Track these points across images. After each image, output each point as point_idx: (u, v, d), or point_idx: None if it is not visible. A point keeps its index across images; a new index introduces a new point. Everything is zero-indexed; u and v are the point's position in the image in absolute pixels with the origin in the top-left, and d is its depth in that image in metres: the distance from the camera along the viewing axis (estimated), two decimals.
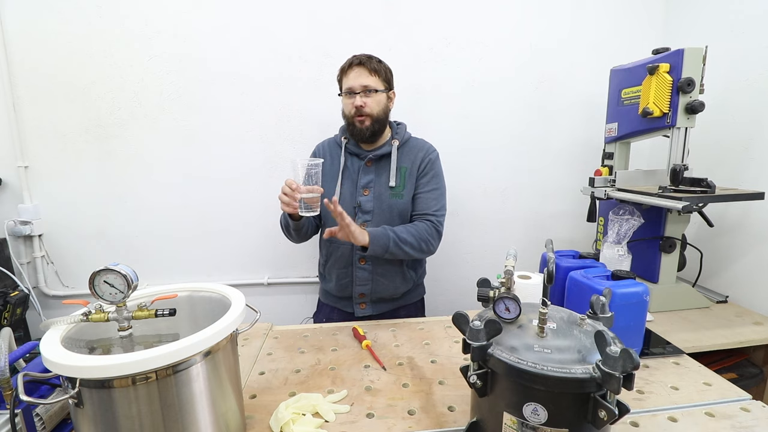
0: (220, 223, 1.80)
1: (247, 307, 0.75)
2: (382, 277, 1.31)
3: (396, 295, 1.35)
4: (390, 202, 1.28)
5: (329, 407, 0.83)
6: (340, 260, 1.32)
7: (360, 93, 1.24)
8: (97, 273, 0.65)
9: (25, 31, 1.59)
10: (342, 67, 1.29)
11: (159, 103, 1.68)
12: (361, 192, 1.30)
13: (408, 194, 1.30)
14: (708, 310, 1.34)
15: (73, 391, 0.57)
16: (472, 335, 0.63)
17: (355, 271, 1.30)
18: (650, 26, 1.81)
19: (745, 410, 0.81)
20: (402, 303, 1.40)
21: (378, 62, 1.27)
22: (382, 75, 1.28)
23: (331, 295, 1.40)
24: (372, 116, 1.25)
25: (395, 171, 1.29)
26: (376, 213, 1.28)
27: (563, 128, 1.86)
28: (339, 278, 1.33)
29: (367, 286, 1.31)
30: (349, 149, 1.33)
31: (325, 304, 1.45)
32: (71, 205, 1.73)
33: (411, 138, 1.37)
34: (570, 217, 1.93)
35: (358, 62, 1.25)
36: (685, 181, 1.28)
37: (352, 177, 1.32)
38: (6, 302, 1.49)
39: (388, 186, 1.29)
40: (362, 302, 1.34)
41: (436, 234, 1.29)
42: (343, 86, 1.28)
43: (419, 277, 1.43)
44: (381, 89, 1.27)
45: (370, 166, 1.31)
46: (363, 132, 1.26)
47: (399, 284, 1.34)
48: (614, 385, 0.53)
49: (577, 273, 1.05)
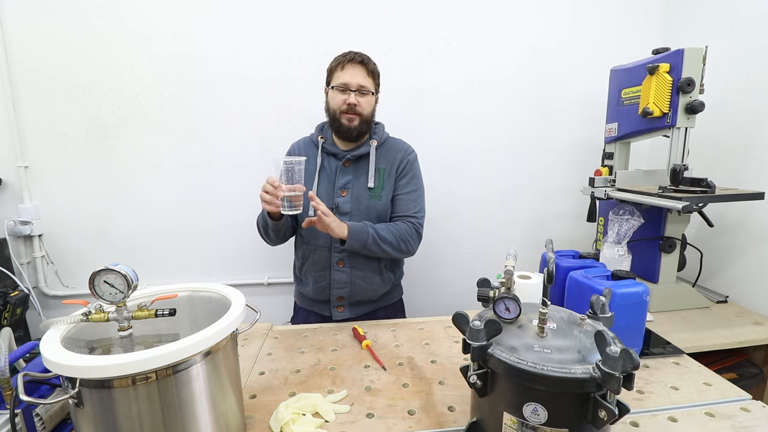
0: (220, 223, 1.80)
1: (247, 307, 0.75)
2: (360, 280, 1.28)
3: (374, 297, 1.34)
4: (368, 203, 1.27)
5: (329, 407, 0.83)
6: (318, 263, 1.29)
7: (355, 91, 1.22)
8: (97, 273, 0.65)
9: (25, 31, 1.59)
10: (337, 60, 1.24)
11: (159, 103, 1.68)
12: (338, 193, 1.27)
13: (387, 195, 1.28)
14: (708, 310, 1.34)
15: (73, 391, 0.57)
16: (472, 335, 0.63)
17: (333, 273, 1.27)
18: (650, 26, 1.81)
19: (745, 410, 0.81)
20: (380, 305, 1.38)
21: (374, 65, 1.27)
22: (376, 78, 1.28)
23: (308, 299, 1.36)
24: (362, 116, 1.24)
25: (374, 172, 1.27)
26: (354, 214, 1.26)
27: (563, 128, 1.86)
28: (316, 281, 1.30)
29: (345, 289, 1.28)
30: (326, 149, 1.30)
31: (301, 307, 1.42)
32: (71, 205, 1.73)
33: (389, 138, 1.36)
34: (570, 217, 1.93)
35: (360, 60, 1.23)
36: (685, 181, 1.28)
37: (329, 177, 1.29)
38: (6, 302, 1.49)
39: (366, 187, 1.27)
40: (340, 305, 1.31)
41: (416, 235, 1.28)
42: (336, 80, 1.23)
43: (397, 278, 1.41)
44: (373, 92, 1.27)
45: (347, 167, 1.29)
46: (350, 131, 1.24)
47: (377, 286, 1.32)
48: (614, 385, 0.53)
49: (577, 273, 1.05)
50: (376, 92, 1.30)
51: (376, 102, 1.31)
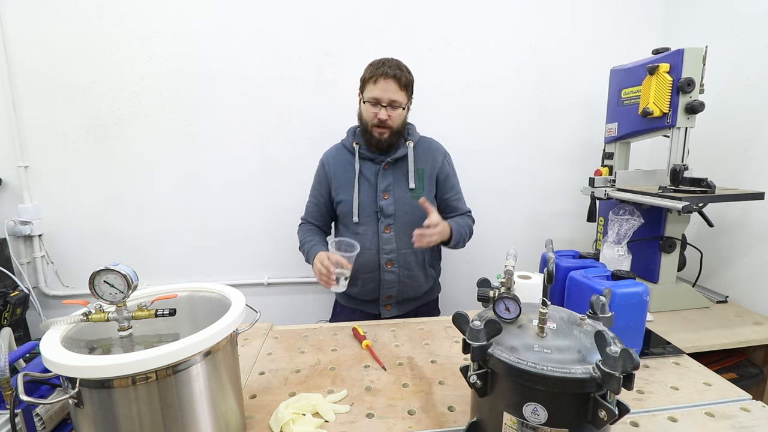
0: (220, 222, 1.80)
1: (247, 307, 0.75)
2: (408, 278, 1.33)
3: (420, 293, 1.38)
4: (411, 203, 1.29)
5: (329, 407, 0.83)
6: (366, 265, 1.31)
7: (386, 106, 1.22)
8: (97, 273, 0.65)
9: (25, 31, 1.59)
10: (371, 72, 1.23)
11: (159, 103, 1.68)
12: (381, 196, 1.29)
13: (427, 195, 1.31)
14: (708, 310, 1.34)
15: (73, 391, 0.57)
16: (472, 335, 0.63)
17: (382, 274, 1.31)
18: (650, 26, 1.81)
19: (745, 410, 0.81)
20: (423, 301, 1.42)
21: (408, 74, 1.26)
22: (410, 89, 1.27)
23: (354, 299, 1.39)
24: (392, 129, 1.25)
25: (413, 173, 1.29)
26: (398, 216, 1.29)
27: (563, 128, 1.86)
28: (365, 283, 1.33)
29: (394, 288, 1.32)
30: (362, 154, 1.32)
31: (345, 306, 1.43)
32: (71, 205, 1.74)
33: (421, 137, 1.38)
34: (570, 217, 1.93)
35: (393, 75, 1.20)
36: (685, 181, 1.28)
37: (370, 181, 1.31)
38: (6, 302, 1.49)
39: (407, 188, 1.29)
40: (388, 304, 1.35)
41: (473, 225, 1.41)
42: (368, 93, 1.24)
43: (437, 273, 1.46)
44: (405, 104, 1.26)
45: (387, 170, 1.30)
46: (381, 143, 1.27)
47: (423, 283, 1.37)
48: (614, 385, 0.53)
49: (577, 273, 1.05)
50: (409, 100, 1.29)
51: (408, 110, 1.31)
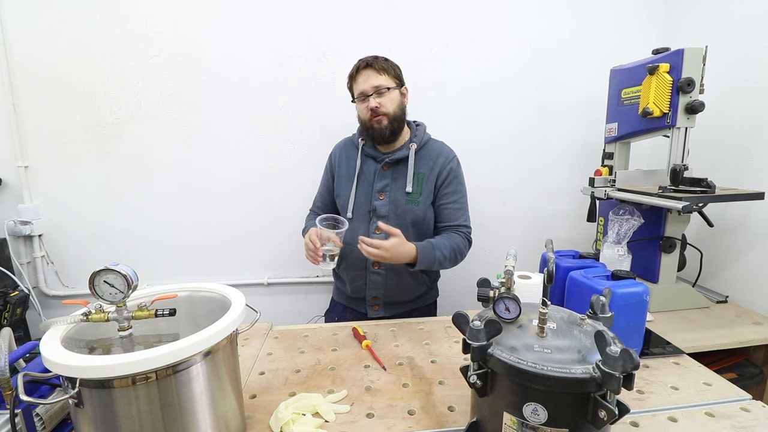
0: (220, 222, 1.80)
1: (247, 307, 0.75)
2: (395, 282, 1.31)
3: (408, 298, 1.36)
4: (405, 207, 1.27)
5: (329, 407, 0.83)
6: (354, 263, 1.30)
7: (372, 95, 1.22)
8: (97, 273, 0.65)
9: (25, 31, 1.59)
10: (350, 74, 1.28)
11: (159, 103, 1.68)
12: (376, 196, 1.28)
13: (424, 201, 1.28)
14: (708, 310, 1.34)
15: (73, 391, 0.57)
16: (472, 335, 0.63)
17: (368, 275, 1.30)
18: (650, 26, 1.81)
19: (745, 410, 0.81)
20: (414, 306, 1.39)
21: (384, 60, 1.26)
22: (391, 72, 1.26)
23: (345, 296, 1.40)
24: (388, 115, 1.23)
25: (412, 176, 1.27)
26: (391, 217, 1.27)
27: (563, 128, 1.86)
28: (353, 281, 1.33)
29: (380, 290, 1.31)
30: (365, 151, 1.32)
31: (338, 302, 1.45)
32: (71, 205, 1.74)
33: (430, 140, 1.35)
34: (570, 217, 1.93)
35: (365, 65, 1.23)
36: (685, 181, 1.28)
37: (368, 180, 1.30)
38: (6, 302, 1.49)
39: (404, 191, 1.27)
40: (375, 304, 1.34)
41: (467, 244, 1.30)
42: (355, 92, 1.27)
43: (432, 280, 1.42)
44: (393, 86, 1.25)
45: (386, 170, 1.30)
46: (383, 132, 1.24)
47: (412, 288, 1.34)
48: (614, 385, 0.53)
49: (577, 273, 1.05)
50: (399, 86, 1.28)
51: (403, 96, 1.29)
